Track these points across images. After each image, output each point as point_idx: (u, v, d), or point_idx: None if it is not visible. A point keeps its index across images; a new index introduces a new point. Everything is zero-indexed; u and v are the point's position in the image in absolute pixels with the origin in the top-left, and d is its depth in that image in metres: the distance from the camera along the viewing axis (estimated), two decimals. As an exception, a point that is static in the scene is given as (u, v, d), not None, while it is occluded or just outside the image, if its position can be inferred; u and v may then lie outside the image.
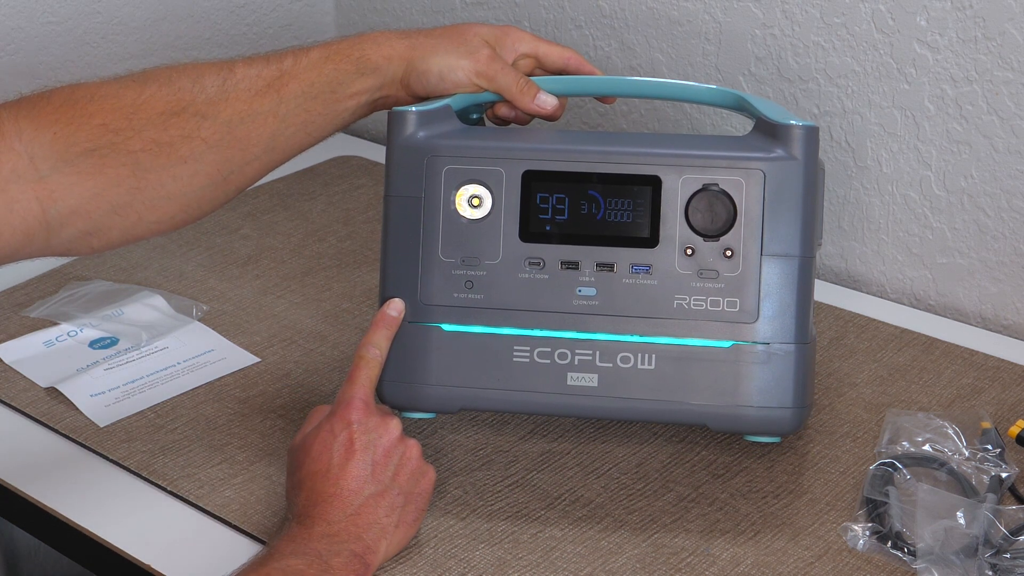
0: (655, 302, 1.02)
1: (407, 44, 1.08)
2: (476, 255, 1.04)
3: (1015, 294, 1.29)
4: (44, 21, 1.49)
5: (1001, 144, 1.25)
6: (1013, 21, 1.21)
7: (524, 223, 1.04)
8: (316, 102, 1.05)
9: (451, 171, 1.04)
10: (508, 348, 1.03)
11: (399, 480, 0.97)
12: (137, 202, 0.98)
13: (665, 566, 0.98)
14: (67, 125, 0.95)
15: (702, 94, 1.13)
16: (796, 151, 1.01)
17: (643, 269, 1.02)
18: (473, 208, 1.04)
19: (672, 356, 1.01)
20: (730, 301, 1.01)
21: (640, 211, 1.03)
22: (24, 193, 0.92)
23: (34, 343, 1.25)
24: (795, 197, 1.01)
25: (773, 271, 1.01)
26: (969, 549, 0.96)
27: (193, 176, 1.00)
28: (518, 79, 1.09)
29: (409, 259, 1.05)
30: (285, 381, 1.20)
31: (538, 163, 1.04)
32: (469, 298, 1.04)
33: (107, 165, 0.96)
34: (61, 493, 1.06)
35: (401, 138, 1.06)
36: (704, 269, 1.02)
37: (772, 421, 1.01)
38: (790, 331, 1.01)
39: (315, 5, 1.75)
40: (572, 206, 1.03)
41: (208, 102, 1.00)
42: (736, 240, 1.01)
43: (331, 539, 0.92)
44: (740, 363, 1.01)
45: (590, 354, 1.02)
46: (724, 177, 1.01)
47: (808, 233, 1.01)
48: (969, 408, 1.15)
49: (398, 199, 1.05)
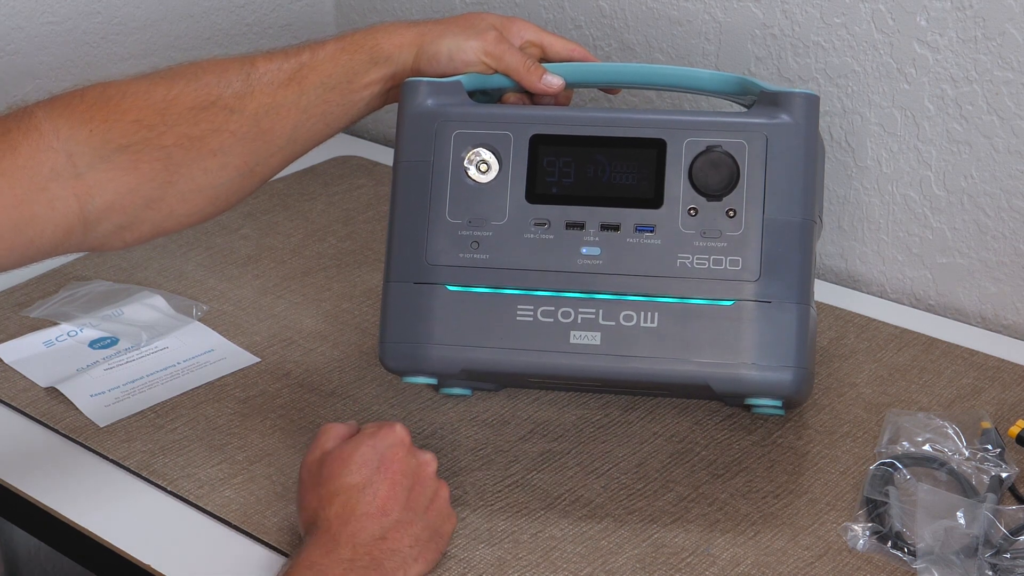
0: (658, 261, 1.03)
1: (417, 31, 1.11)
2: (483, 216, 1.05)
3: (1015, 294, 1.29)
4: (44, 21, 1.49)
5: (1001, 144, 1.25)
6: (1013, 21, 1.21)
7: (531, 185, 1.05)
8: (334, 93, 1.07)
9: (460, 135, 1.06)
10: (512, 307, 1.04)
11: (429, 515, 0.96)
12: (169, 196, 1.00)
13: (665, 566, 0.98)
14: (102, 123, 0.96)
15: (704, 80, 1.14)
16: (798, 116, 1.04)
17: (647, 229, 1.03)
18: (481, 173, 1.06)
19: (674, 314, 1.02)
20: (732, 260, 1.02)
21: (645, 173, 1.04)
22: (63, 190, 0.94)
23: (34, 343, 1.25)
24: (796, 161, 1.03)
25: (775, 232, 1.02)
26: (969, 549, 0.96)
27: (222, 169, 1.02)
28: (525, 59, 1.11)
29: (417, 221, 1.06)
30: (285, 381, 1.20)
31: (546, 127, 1.06)
32: (474, 258, 1.05)
33: (141, 160, 0.97)
34: (61, 493, 1.06)
35: (412, 106, 1.08)
36: (707, 229, 1.03)
37: (774, 382, 1.01)
38: (792, 290, 1.01)
39: (315, 5, 1.75)
40: (578, 168, 1.05)
41: (235, 96, 1.02)
42: (739, 201, 1.03)
43: (351, 564, 0.91)
44: (742, 320, 1.01)
45: (593, 312, 1.03)
46: (728, 140, 1.03)
47: (809, 197, 1.03)
48: (969, 408, 1.15)
49: (408, 164, 1.07)
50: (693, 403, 1.15)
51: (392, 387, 1.18)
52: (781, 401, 1.04)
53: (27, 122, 0.94)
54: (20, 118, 0.95)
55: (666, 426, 1.13)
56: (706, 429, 1.12)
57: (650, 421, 1.14)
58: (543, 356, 1.03)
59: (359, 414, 1.15)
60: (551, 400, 1.16)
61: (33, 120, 0.94)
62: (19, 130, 0.94)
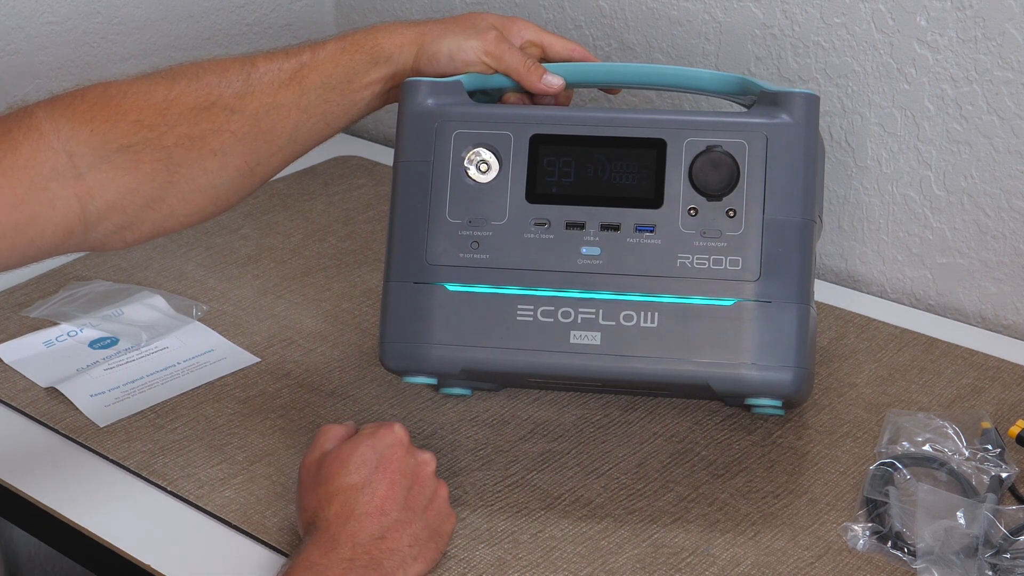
0: (658, 261, 1.03)
1: (417, 31, 1.11)
2: (483, 216, 1.05)
3: (1015, 294, 1.29)
4: (44, 21, 1.49)
5: (1001, 144, 1.25)
6: (1013, 21, 1.21)
7: (531, 185, 1.05)
8: (335, 93, 1.07)
9: (460, 135, 1.06)
10: (512, 307, 1.04)
11: (428, 514, 0.96)
12: (170, 196, 1.00)
13: (665, 566, 0.98)
14: (103, 123, 0.96)
15: (704, 80, 1.13)
16: (798, 116, 1.04)
17: (647, 229, 1.04)
18: (481, 173, 1.06)
19: (674, 314, 1.02)
20: (732, 260, 1.02)
21: (645, 173, 1.04)
22: (64, 190, 0.94)
23: (34, 343, 1.25)
24: (796, 161, 1.03)
25: (775, 231, 1.02)
26: (969, 549, 0.96)
27: (223, 168, 1.02)
28: (525, 59, 1.11)
29: (417, 221, 1.06)
30: (285, 381, 1.20)
31: (546, 127, 1.06)
32: (474, 258, 1.05)
33: (142, 161, 0.98)
34: (61, 493, 1.06)
35: (412, 105, 1.08)
36: (707, 229, 1.03)
37: (774, 382, 1.01)
38: (791, 290, 1.02)
39: (315, 5, 1.75)
40: (578, 168, 1.05)
41: (235, 96, 1.02)
42: (739, 200, 1.03)
43: (351, 563, 0.91)
44: (742, 320, 1.01)
45: (593, 312, 1.03)
46: (728, 139, 1.03)
47: (809, 196, 1.03)
48: (969, 408, 1.15)
49: (408, 164, 1.07)
50: (693, 403, 1.15)
51: (392, 387, 1.18)
52: (781, 401, 1.04)
53: (28, 122, 0.94)
54: (21, 118, 0.95)
55: (666, 426, 1.13)
56: (706, 429, 1.12)
57: (650, 421, 1.14)
58: (543, 356, 1.03)
59: (359, 414, 1.15)
60: (551, 400, 1.16)
61: (34, 120, 0.94)
62: (20, 130, 0.94)
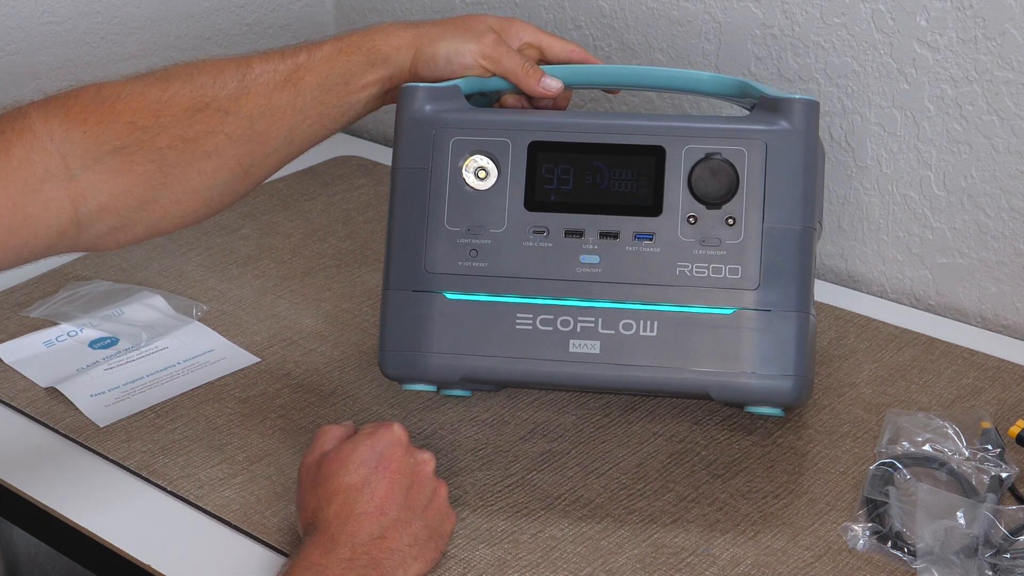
0: (658, 269, 1.03)
1: (415, 33, 1.10)
2: (481, 224, 1.05)
3: (1015, 294, 1.29)
4: (44, 21, 1.49)
5: (1001, 144, 1.25)
6: (1013, 21, 1.21)
7: (529, 192, 1.05)
8: (331, 94, 1.07)
9: (458, 142, 1.06)
10: (511, 316, 1.04)
11: (428, 514, 0.96)
12: (163, 197, 1.00)
13: (665, 566, 0.98)
14: (96, 124, 0.96)
15: (704, 82, 1.13)
16: (797, 123, 1.03)
17: (646, 237, 1.03)
18: (479, 180, 1.05)
19: (674, 322, 1.02)
20: (732, 268, 1.02)
21: (644, 180, 1.04)
22: (57, 192, 0.94)
23: (34, 343, 1.25)
24: (796, 167, 1.03)
25: (774, 239, 1.02)
26: (969, 549, 0.96)
27: (217, 170, 1.02)
28: (523, 62, 1.11)
29: (415, 228, 1.05)
30: (285, 381, 1.20)
31: (544, 134, 1.06)
32: (473, 266, 1.04)
33: (135, 162, 0.97)
34: (61, 493, 1.06)
35: (410, 112, 1.07)
36: (706, 237, 1.03)
37: (773, 391, 1.01)
38: (791, 298, 1.01)
39: (315, 5, 1.75)
40: (577, 176, 1.05)
41: (230, 98, 1.02)
42: (738, 208, 1.02)
43: (351, 563, 0.91)
44: (742, 329, 1.01)
45: (592, 321, 1.03)
46: (727, 147, 1.03)
47: (809, 203, 1.03)
48: (969, 408, 1.15)
49: (406, 171, 1.07)
50: (693, 403, 1.15)
51: (392, 387, 1.18)
52: (781, 408, 1.04)
53: (21, 123, 0.94)
54: (14, 119, 0.94)
55: (666, 426, 1.13)
56: (706, 429, 1.12)
57: (650, 421, 1.14)
58: (542, 365, 1.03)
59: (359, 414, 1.15)
60: (551, 400, 1.16)
61: (27, 121, 0.94)
62: (13, 131, 0.93)
